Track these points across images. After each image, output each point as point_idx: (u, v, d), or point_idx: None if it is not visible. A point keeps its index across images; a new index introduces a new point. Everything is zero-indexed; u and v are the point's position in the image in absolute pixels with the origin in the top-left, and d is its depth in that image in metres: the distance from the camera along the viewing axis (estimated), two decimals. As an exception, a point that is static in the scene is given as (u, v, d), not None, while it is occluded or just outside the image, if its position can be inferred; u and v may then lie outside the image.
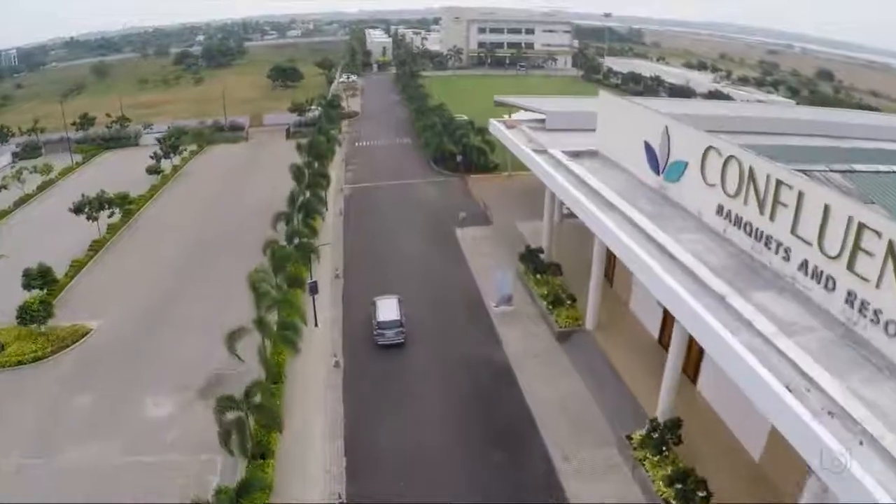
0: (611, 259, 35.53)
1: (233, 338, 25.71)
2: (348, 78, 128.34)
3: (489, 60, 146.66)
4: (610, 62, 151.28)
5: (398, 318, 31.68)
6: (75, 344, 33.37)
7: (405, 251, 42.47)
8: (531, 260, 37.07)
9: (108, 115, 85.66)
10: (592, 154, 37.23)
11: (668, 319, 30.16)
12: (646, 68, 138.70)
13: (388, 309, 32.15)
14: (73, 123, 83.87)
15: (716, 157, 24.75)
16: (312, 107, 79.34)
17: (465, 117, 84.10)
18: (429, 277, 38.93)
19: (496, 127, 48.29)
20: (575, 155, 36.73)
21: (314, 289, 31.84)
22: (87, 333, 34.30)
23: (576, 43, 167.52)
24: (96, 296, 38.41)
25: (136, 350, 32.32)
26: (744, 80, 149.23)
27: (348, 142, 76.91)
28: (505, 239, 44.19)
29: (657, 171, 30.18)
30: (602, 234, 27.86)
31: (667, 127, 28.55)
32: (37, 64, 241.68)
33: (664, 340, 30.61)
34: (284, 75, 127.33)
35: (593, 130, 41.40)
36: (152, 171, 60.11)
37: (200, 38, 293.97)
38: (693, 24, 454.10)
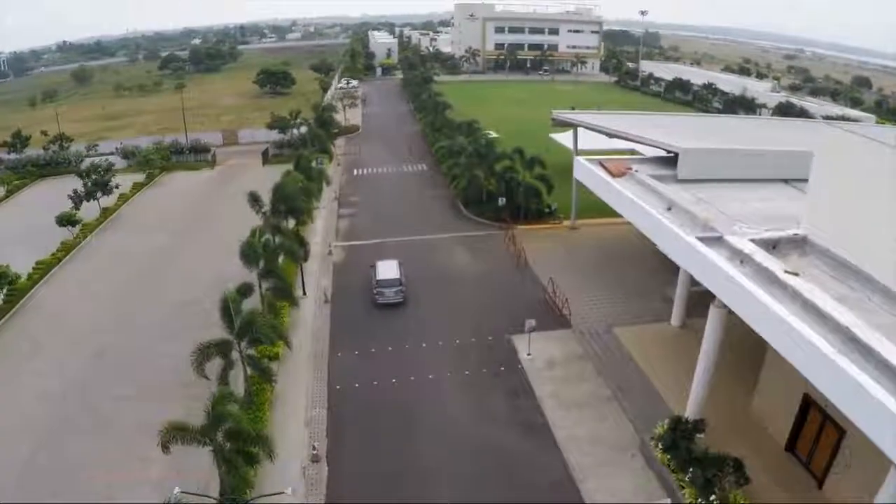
0: (820, 432, 19.43)
1: None
2: (348, 83, 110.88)
3: (509, 64, 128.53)
4: (643, 66, 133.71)
5: (398, 276, 31.69)
6: None
7: (435, 397, 24.71)
8: (686, 450, 19.23)
9: (45, 133, 68.21)
10: (798, 244, 19.58)
11: None
12: (687, 74, 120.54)
13: (388, 269, 32.32)
14: (5, 144, 66.47)
15: None
16: (298, 120, 61.35)
17: (494, 134, 67.85)
18: (484, 468, 20.94)
19: (587, 171, 30.19)
20: (770, 246, 19.08)
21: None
22: None
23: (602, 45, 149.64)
24: None
25: None
26: (794, 89, 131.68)
27: (345, 168, 59.27)
28: (603, 365, 26.36)
29: None
30: None
31: None
32: (26, 69, 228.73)
33: None
34: (274, 80, 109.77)
35: (760, 182, 24.02)
36: (65, 221, 42.33)
37: (196, 41, 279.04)
38: (701, 29, 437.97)
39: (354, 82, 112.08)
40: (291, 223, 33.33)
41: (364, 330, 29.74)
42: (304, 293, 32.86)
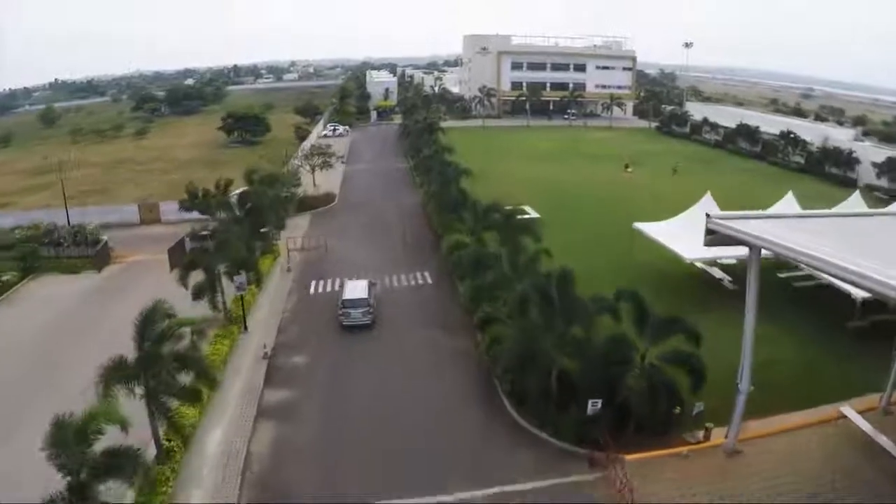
0: None
1: None
2: (334, 130, 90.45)
3: (528, 106, 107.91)
4: (685, 108, 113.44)
5: (366, 296, 29.46)
6: None
7: None
8: None
9: None
10: None
11: None
12: (749, 119, 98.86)
13: (355, 289, 30.21)
14: None
15: None
16: (231, 195, 39.29)
17: (533, 212, 47.78)
18: None
19: None
20: None
21: None
22: None
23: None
24: None
25: None
26: (864, 134, 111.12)
27: (298, 276, 37.10)
28: None
29: None
30: None
31: None
32: (13, 107, 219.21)
33: None
34: (243, 126, 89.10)
35: None
36: None
37: (190, 81, 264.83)
38: (708, 70, 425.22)
39: (342, 128, 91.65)
40: None
41: None
42: None
